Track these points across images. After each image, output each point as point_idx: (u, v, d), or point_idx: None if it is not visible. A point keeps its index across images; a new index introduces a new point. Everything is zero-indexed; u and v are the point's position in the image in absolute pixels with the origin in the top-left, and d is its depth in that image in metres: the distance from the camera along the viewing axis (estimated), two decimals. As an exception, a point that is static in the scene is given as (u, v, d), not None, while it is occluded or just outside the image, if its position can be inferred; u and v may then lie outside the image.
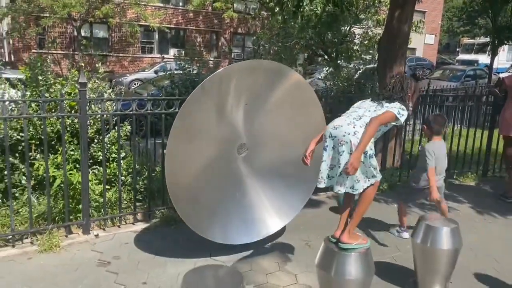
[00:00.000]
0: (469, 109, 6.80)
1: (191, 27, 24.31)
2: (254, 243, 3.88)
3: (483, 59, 27.20)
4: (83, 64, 17.13)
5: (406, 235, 4.22)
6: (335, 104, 5.52)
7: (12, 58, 19.74)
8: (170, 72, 8.07)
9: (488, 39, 20.86)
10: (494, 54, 18.31)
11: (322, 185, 2.97)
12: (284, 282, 3.38)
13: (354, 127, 2.82)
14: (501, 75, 7.76)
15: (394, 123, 3.01)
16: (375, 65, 8.60)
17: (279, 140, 4.00)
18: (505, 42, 17.54)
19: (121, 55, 22.65)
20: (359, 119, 2.89)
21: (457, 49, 36.70)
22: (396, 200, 4.91)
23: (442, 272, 3.15)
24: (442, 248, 3.07)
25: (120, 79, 17.93)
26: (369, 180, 2.88)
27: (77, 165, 4.50)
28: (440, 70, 20.91)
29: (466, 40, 32.35)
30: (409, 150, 6.35)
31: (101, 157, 4.67)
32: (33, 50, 19.97)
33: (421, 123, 6.54)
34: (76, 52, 20.31)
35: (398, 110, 2.93)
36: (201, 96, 3.41)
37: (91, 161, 4.54)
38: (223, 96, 3.56)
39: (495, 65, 21.33)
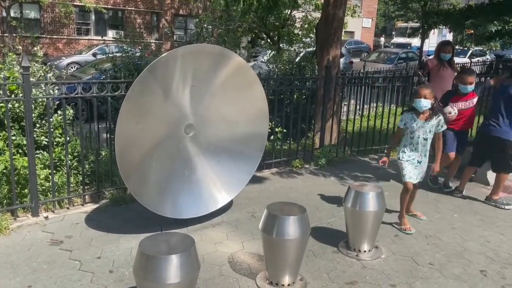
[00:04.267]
0: (397, 89, 7.41)
1: (130, 8, 23.55)
2: (203, 217, 4.14)
3: (416, 42, 28.87)
4: (21, 47, 16.18)
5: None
6: (277, 86, 5.83)
7: None
8: (111, 54, 7.95)
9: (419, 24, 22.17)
10: (424, 37, 19.59)
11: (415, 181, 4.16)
12: (232, 249, 3.68)
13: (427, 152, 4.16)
14: (426, 58, 8.45)
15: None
16: (315, 48, 9.03)
17: (225, 119, 4.26)
18: (433, 26, 18.78)
19: (55, 37, 21.53)
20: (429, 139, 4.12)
21: (392, 33, 38.52)
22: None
23: (369, 232, 3.60)
24: (369, 210, 3.51)
25: (56, 63, 17.12)
26: None
27: (20, 150, 4.49)
28: (376, 53, 22.04)
29: (400, 24, 34.05)
30: (344, 129, 6.84)
31: (44, 142, 4.69)
32: (-43, 32, 18.51)
33: (355, 103, 7.06)
34: (5, 34, 19.07)
35: (442, 122, 4.12)
36: (148, 79, 3.57)
37: (34, 146, 4.53)
38: (170, 79, 3.74)
39: (426, 48, 22.78)
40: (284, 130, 6.11)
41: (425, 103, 3.99)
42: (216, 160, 4.29)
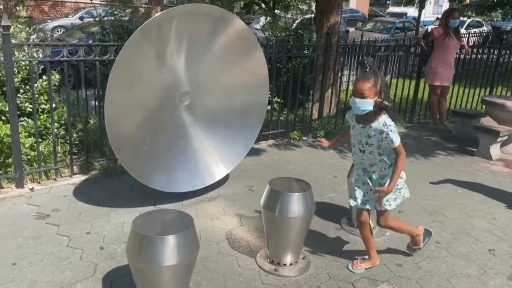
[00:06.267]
0: (398, 59, 7.15)
1: (119, -30, 22.53)
2: (198, 190, 3.93)
3: (411, 12, 28.35)
4: (1, 7, 15.40)
5: None
6: (276, 53, 5.54)
7: None
8: (99, 18, 7.54)
9: (416, -8, 21.58)
10: (421, 7, 19.10)
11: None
12: (229, 225, 3.50)
13: (386, 162, 2.80)
14: (429, 27, 8.14)
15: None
16: (312, 15, 8.65)
17: (223, 88, 3.99)
18: (431, -5, 18.31)
19: (40, -1, 20.60)
20: (382, 154, 2.79)
21: (388, 2, 37.74)
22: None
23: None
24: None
25: (41, 26, 16.41)
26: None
27: (3, 117, 4.20)
28: (372, 22, 21.54)
29: (396, -7, 33.31)
30: (343, 100, 6.60)
31: (29, 108, 4.39)
32: None
33: (355, 73, 6.79)
34: (-13, -6, 18.14)
35: (393, 132, 2.68)
36: (140, 42, 3.27)
37: (18, 112, 4.24)
38: (163, 42, 3.44)
39: (422, 18, 22.34)
40: (281, 101, 5.86)
41: (363, 105, 2.62)
42: (213, 131, 4.05)
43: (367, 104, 2.62)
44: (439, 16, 6.76)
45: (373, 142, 2.75)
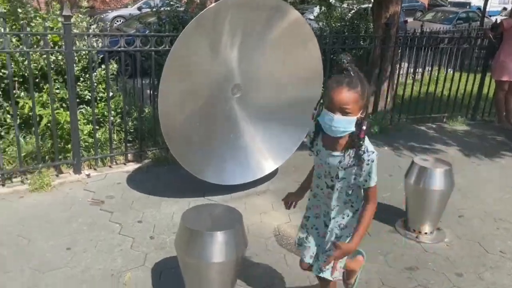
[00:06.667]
0: (461, 52, 6.72)
1: (176, -40, 22.90)
2: (247, 184, 3.89)
3: (475, 1, 26.68)
4: (64, -3, 16.17)
5: None
6: (330, 45, 5.36)
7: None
8: (155, 8, 7.69)
9: (482, -20, 20.23)
10: (488, -5, 17.87)
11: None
12: (278, 221, 3.43)
13: (352, 206, 2.14)
14: (499, 18, 7.57)
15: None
16: (369, 5, 8.32)
17: (275, 81, 3.90)
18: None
19: (101, -11, 21.40)
20: (350, 194, 2.10)
21: (450, -10, 35.75)
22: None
23: (433, 212, 3.23)
24: (434, 189, 3.12)
25: (102, 16, 17.07)
26: None
27: (64, 104, 4.37)
28: (432, 12, 20.51)
29: (459, -19, 31.43)
30: (401, 94, 6.30)
31: (88, 96, 4.54)
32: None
33: (413, 66, 6.46)
34: (53, -15, 19.12)
35: (374, 164, 1.95)
36: (194, 33, 3.25)
37: (77, 100, 4.40)
38: (217, 33, 3.39)
39: (487, 8, 20.95)
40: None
41: (344, 125, 1.87)
42: (263, 125, 3.98)
43: (348, 124, 1.86)
44: (506, 6, 6.28)
45: (345, 175, 2.02)
